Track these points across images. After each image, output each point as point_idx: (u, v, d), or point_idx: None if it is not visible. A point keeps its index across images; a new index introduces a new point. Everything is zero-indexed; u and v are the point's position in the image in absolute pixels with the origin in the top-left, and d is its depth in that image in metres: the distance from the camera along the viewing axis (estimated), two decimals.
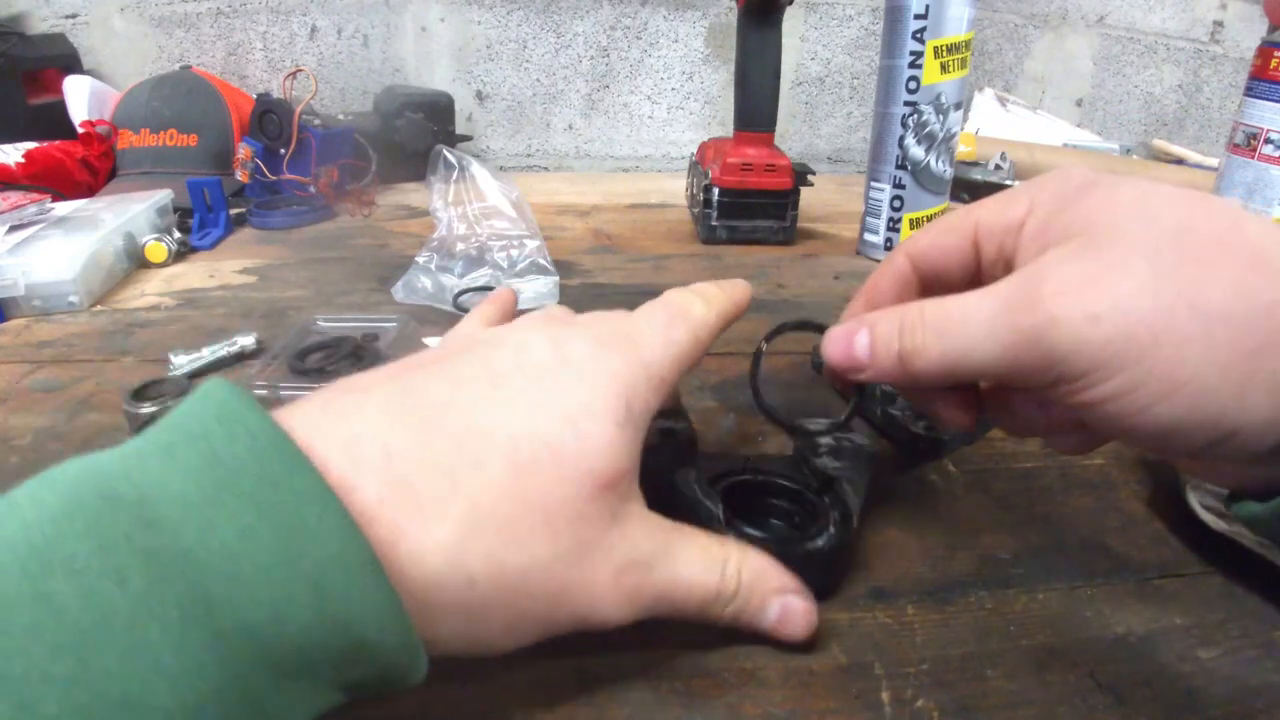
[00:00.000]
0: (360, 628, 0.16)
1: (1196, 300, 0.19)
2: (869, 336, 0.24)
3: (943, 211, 0.65)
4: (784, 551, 0.25)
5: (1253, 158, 0.66)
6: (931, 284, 0.27)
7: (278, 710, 0.16)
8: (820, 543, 0.27)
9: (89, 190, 0.79)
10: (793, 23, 1.10)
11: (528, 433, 0.21)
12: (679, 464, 0.28)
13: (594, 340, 0.24)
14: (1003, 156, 0.90)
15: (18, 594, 0.14)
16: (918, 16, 0.59)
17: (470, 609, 0.19)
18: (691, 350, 0.25)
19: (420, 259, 0.59)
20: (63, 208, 0.65)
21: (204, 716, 0.14)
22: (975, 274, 0.26)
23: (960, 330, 0.22)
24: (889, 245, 0.66)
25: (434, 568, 0.18)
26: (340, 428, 0.19)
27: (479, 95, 1.10)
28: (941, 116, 0.61)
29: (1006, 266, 0.24)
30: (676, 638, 0.25)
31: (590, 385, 0.22)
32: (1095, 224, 0.21)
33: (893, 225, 0.66)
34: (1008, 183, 0.83)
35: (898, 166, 0.64)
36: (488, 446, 0.20)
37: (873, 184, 0.66)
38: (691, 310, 0.26)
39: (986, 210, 0.25)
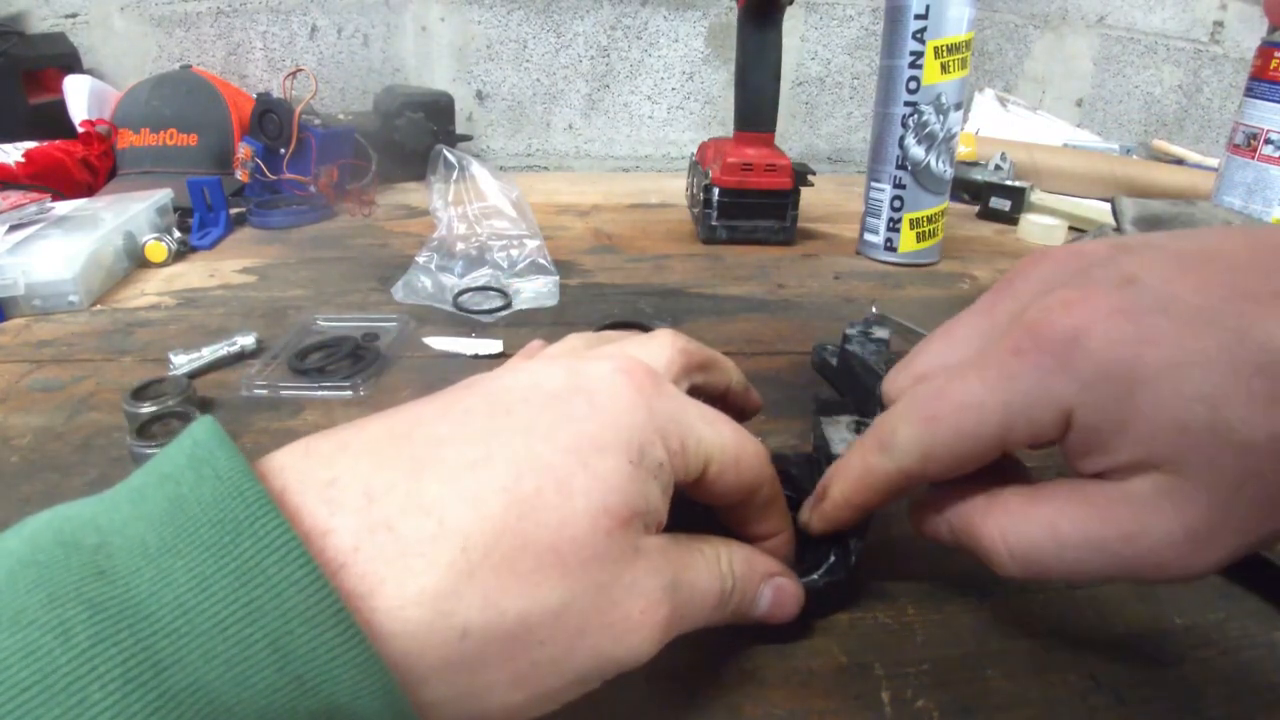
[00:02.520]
0: (330, 689, 0.15)
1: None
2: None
3: (942, 212, 0.65)
4: None
5: (1253, 158, 0.66)
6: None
7: None
8: (815, 577, 0.26)
9: (89, 190, 0.79)
10: (793, 23, 1.10)
11: (531, 464, 0.18)
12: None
13: (619, 369, 0.21)
14: (1003, 157, 0.90)
15: None
16: (918, 16, 0.59)
17: (466, 665, 0.17)
18: (722, 455, 0.22)
19: (420, 259, 0.59)
20: (63, 207, 0.65)
21: None
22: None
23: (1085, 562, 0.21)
24: (889, 245, 0.66)
25: (418, 620, 0.16)
26: (320, 471, 0.18)
27: (479, 95, 1.10)
28: (942, 116, 0.61)
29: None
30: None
31: (603, 418, 0.20)
32: (1168, 458, 0.19)
33: (893, 225, 0.66)
34: (1009, 183, 0.83)
35: (898, 166, 0.64)
36: (484, 480, 0.18)
37: (873, 184, 0.66)
38: (762, 447, 0.23)
39: (1020, 421, 0.20)
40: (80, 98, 0.86)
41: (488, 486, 0.18)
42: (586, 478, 0.19)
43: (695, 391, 0.29)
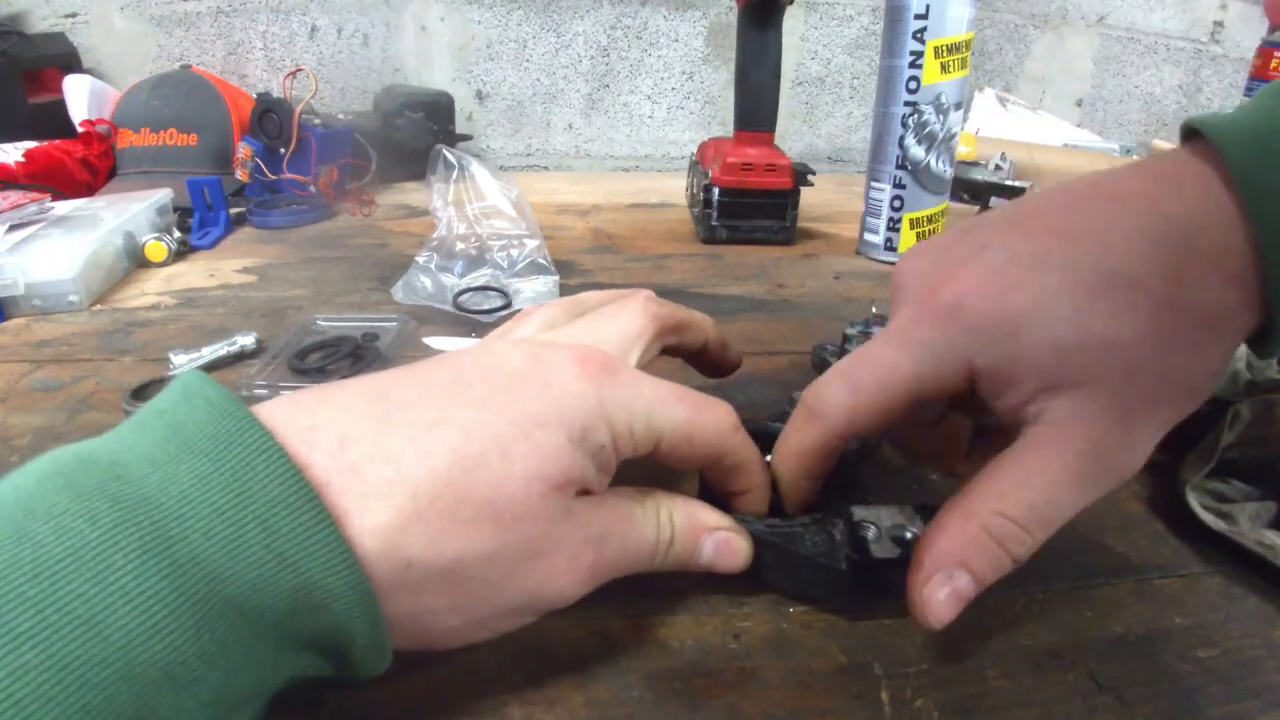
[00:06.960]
0: (306, 565, 0.18)
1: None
2: (972, 580, 0.23)
3: (942, 212, 0.65)
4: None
5: None
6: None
7: (238, 647, 0.17)
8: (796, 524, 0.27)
9: (89, 189, 0.79)
10: (793, 23, 1.10)
11: (479, 431, 0.21)
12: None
13: (575, 359, 0.24)
14: (1003, 156, 0.90)
15: (3, 535, 0.16)
16: (918, 16, 0.59)
17: (409, 590, 0.20)
18: (674, 435, 0.24)
19: (420, 259, 0.59)
20: (62, 207, 0.65)
21: (162, 637, 0.16)
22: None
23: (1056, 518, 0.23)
24: (889, 245, 0.66)
25: (372, 549, 0.19)
26: (304, 418, 0.21)
27: (479, 95, 1.10)
28: (942, 116, 0.61)
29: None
30: (676, 638, 0.25)
31: (550, 399, 0.22)
32: (1061, 377, 0.23)
33: (893, 225, 0.66)
34: (1009, 183, 0.83)
35: (898, 166, 0.64)
36: (438, 440, 0.21)
37: (873, 184, 0.66)
38: (726, 418, 0.25)
39: (929, 372, 0.24)
40: (80, 97, 0.86)
41: (439, 445, 0.21)
42: (526, 447, 0.21)
43: (671, 350, 0.33)
